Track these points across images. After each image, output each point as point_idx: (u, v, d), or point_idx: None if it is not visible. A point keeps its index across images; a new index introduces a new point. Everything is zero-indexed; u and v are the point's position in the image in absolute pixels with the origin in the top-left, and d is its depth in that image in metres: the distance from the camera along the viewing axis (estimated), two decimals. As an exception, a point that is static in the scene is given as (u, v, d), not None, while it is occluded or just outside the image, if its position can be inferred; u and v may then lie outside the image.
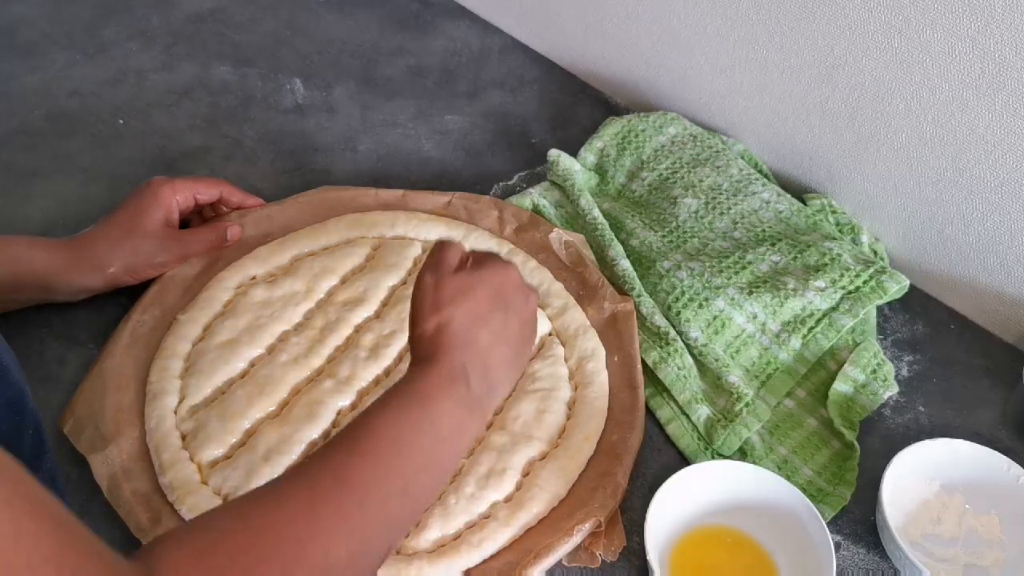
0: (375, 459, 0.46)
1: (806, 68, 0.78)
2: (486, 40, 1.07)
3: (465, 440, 0.52)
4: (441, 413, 0.50)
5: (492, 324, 0.53)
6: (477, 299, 0.53)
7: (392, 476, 0.46)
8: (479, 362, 0.52)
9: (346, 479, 0.45)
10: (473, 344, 0.52)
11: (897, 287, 0.72)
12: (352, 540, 0.43)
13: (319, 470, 0.45)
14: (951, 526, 0.61)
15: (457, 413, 0.50)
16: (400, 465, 0.47)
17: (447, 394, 0.50)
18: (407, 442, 0.48)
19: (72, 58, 1.00)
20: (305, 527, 0.42)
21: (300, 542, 0.41)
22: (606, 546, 0.58)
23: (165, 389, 0.65)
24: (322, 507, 0.43)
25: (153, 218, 0.70)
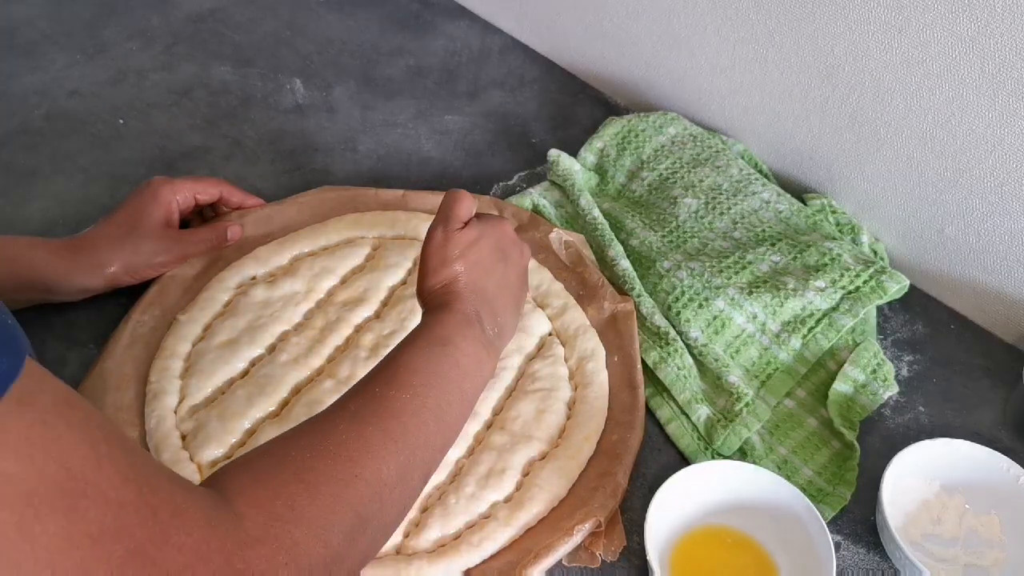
0: (411, 389, 0.50)
1: (806, 68, 0.78)
2: (486, 40, 1.07)
3: (484, 375, 0.57)
4: (462, 352, 0.55)
5: (495, 275, 0.60)
6: (481, 253, 0.59)
7: (428, 404, 0.51)
8: (488, 308, 0.58)
9: (387, 406, 0.49)
10: (481, 292, 0.58)
11: (897, 287, 0.72)
12: (399, 459, 0.47)
13: (361, 400, 0.50)
14: (951, 526, 0.61)
15: (475, 351, 0.56)
16: (433, 395, 0.51)
17: (465, 335, 0.55)
18: (437, 375, 0.52)
19: (72, 58, 1.00)
20: (355, 448, 0.46)
21: (353, 461, 0.45)
22: (606, 546, 0.58)
23: (165, 389, 0.65)
24: (368, 430, 0.47)
25: (153, 218, 0.70)
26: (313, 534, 0.42)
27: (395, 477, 0.47)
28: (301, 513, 0.42)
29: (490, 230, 0.61)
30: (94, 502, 0.34)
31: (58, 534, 0.32)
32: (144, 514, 0.35)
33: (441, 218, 0.60)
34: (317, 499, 0.43)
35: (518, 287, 0.63)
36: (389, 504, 0.47)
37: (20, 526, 0.31)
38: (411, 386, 0.51)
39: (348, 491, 0.44)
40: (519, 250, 0.64)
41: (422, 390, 0.51)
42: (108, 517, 0.34)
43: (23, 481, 0.32)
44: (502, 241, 0.62)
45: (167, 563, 0.35)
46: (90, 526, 0.33)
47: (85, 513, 0.33)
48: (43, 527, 0.32)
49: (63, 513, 0.33)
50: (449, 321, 0.56)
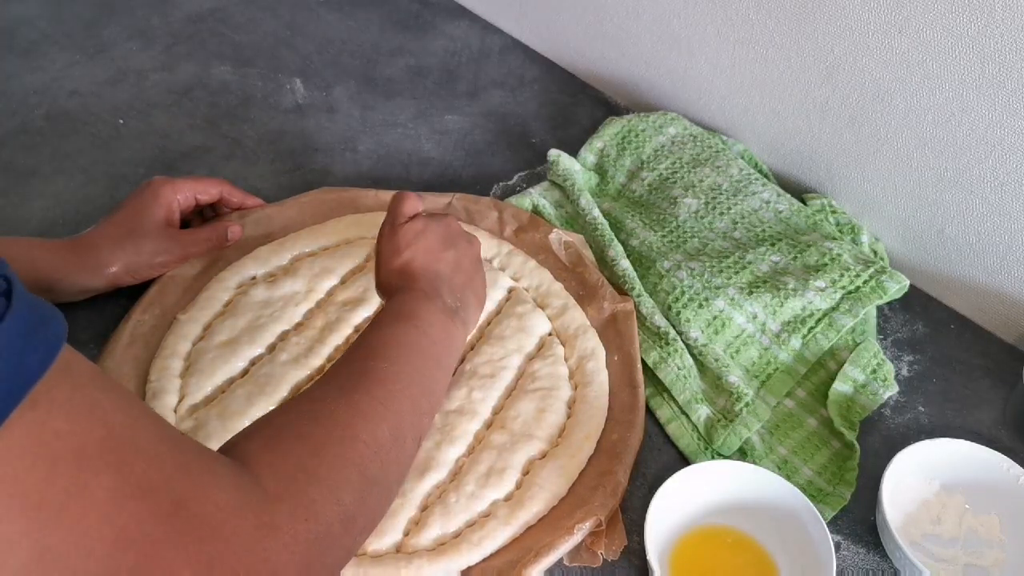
0: (390, 360, 0.54)
1: (806, 68, 0.78)
2: (486, 40, 1.08)
3: (454, 341, 0.61)
4: (428, 322, 0.58)
5: (446, 258, 0.64)
6: (429, 241, 0.64)
7: (407, 370, 0.54)
8: (445, 284, 0.62)
9: (370, 375, 0.52)
10: (435, 273, 0.63)
11: (897, 287, 0.72)
12: (390, 422, 0.50)
13: (345, 372, 0.53)
14: (951, 526, 0.61)
15: (442, 319, 0.59)
16: (411, 362, 0.55)
17: (428, 307, 0.59)
18: (409, 344, 0.56)
19: (72, 58, 1.00)
20: (348, 413, 0.48)
21: (349, 425, 0.48)
22: (607, 545, 0.58)
23: (165, 388, 0.65)
24: (357, 396, 0.50)
25: (154, 218, 0.71)
26: (327, 492, 0.44)
27: (390, 438, 0.49)
28: (312, 473, 0.44)
29: (434, 223, 0.65)
30: (138, 459, 0.36)
31: (111, 487, 0.34)
32: (183, 470, 0.38)
33: (388, 217, 0.65)
34: (324, 460, 0.45)
35: (473, 270, 0.66)
36: (388, 464, 0.49)
37: (75, 480, 0.33)
38: (389, 357, 0.54)
39: (350, 451, 0.46)
40: (467, 239, 0.67)
41: (400, 359, 0.54)
42: (152, 472, 0.36)
43: (74, 437, 0.34)
44: (448, 231, 0.65)
45: (209, 517, 0.37)
46: (139, 480, 0.35)
47: (133, 467, 0.35)
48: (97, 481, 0.34)
49: (113, 468, 0.35)
50: (409, 299, 0.60)
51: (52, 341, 0.35)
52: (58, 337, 0.35)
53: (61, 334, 0.35)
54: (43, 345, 0.34)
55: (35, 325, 0.34)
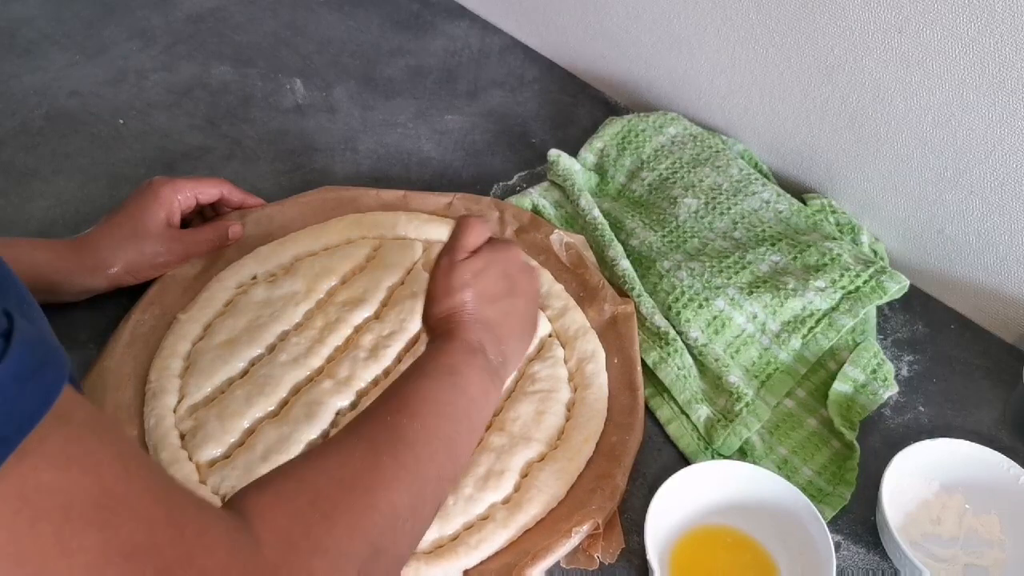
0: (422, 419, 0.50)
1: (806, 68, 0.78)
2: (486, 40, 1.07)
3: (491, 403, 0.57)
4: (469, 381, 0.55)
5: (501, 303, 0.59)
6: (487, 281, 0.59)
7: (438, 434, 0.51)
8: (491, 336, 0.58)
9: (400, 436, 0.49)
10: (485, 321, 0.58)
11: (897, 287, 0.72)
12: (412, 491, 0.47)
13: (375, 428, 0.49)
14: (951, 526, 0.61)
15: (481, 379, 0.55)
16: (443, 425, 0.51)
17: (470, 363, 0.55)
18: (445, 403, 0.53)
19: (72, 58, 1.00)
20: (371, 478, 0.46)
21: (369, 491, 0.45)
22: (604, 548, 0.58)
23: (164, 388, 0.65)
24: (384, 460, 0.47)
25: (155, 218, 0.70)
26: (329, 564, 0.41)
27: (408, 509, 0.47)
28: (318, 542, 0.41)
29: (498, 257, 0.61)
30: (127, 518, 0.34)
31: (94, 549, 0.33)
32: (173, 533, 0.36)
33: (449, 246, 0.60)
34: (334, 529, 0.42)
35: (525, 314, 0.62)
36: (402, 535, 0.47)
37: (59, 538, 0.32)
38: (422, 415, 0.51)
39: (364, 522, 0.44)
40: (528, 276, 0.63)
41: (433, 420, 0.51)
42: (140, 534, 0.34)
43: (61, 493, 0.32)
44: (509, 268, 0.61)
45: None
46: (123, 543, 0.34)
47: (119, 529, 0.34)
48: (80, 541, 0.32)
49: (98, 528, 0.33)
50: (454, 350, 0.56)
51: (50, 387, 0.33)
52: (56, 383, 0.33)
53: (60, 379, 0.34)
54: (40, 392, 0.32)
55: (33, 369, 0.32)
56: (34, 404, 0.32)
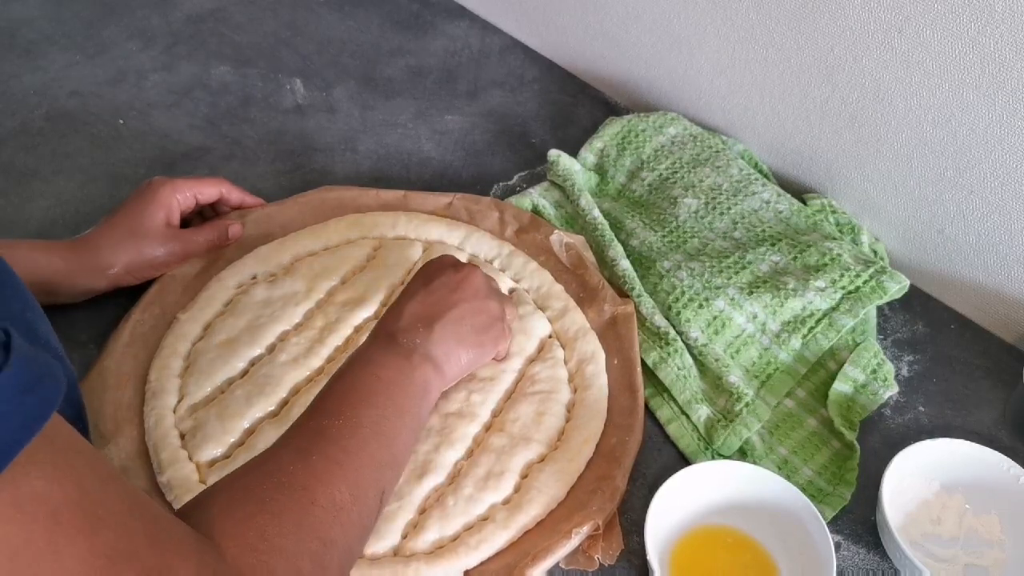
0: (342, 413, 0.52)
1: (806, 68, 0.78)
2: (486, 40, 1.07)
3: (416, 385, 0.57)
4: (380, 365, 0.56)
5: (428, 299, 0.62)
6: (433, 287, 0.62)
7: (363, 423, 0.52)
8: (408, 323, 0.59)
9: (324, 434, 0.51)
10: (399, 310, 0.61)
11: (897, 287, 0.72)
12: (348, 481, 0.49)
13: (299, 432, 0.52)
14: (951, 526, 0.61)
15: (397, 362, 0.57)
16: (367, 413, 0.53)
17: (381, 349, 0.58)
18: (363, 392, 0.54)
19: (72, 58, 1.00)
20: (304, 476, 0.48)
21: (306, 488, 0.47)
22: (604, 549, 0.58)
23: (164, 388, 0.65)
24: (313, 459, 0.49)
25: (154, 218, 0.71)
26: (286, 562, 0.44)
27: (349, 498, 0.48)
28: (272, 543, 0.44)
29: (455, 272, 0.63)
30: (109, 526, 0.36)
31: (80, 554, 0.34)
32: (151, 541, 0.38)
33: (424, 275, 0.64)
34: (283, 528, 0.45)
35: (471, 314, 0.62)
36: (348, 526, 0.48)
37: (50, 542, 0.33)
38: (341, 409, 0.53)
39: (308, 518, 0.46)
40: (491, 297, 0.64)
41: (352, 411, 0.53)
42: (122, 541, 0.36)
43: (51, 500, 0.34)
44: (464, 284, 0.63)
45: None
46: (107, 548, 0.35)
47: (103, 535, 0.36)
48: (68, 545, 0.34)
49: (85, 534, 0.35)
50: (367, 342, 0.59)
51: (50, 399, 0.35)
52: (53, 396, 0.35)
53: (57, 392, 0.35)
54: (39, 403, 0.34)
55: (34, 381, 0.34)
56: (35, 414, 0.34)
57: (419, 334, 0.59)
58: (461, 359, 0.61)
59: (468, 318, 0.62)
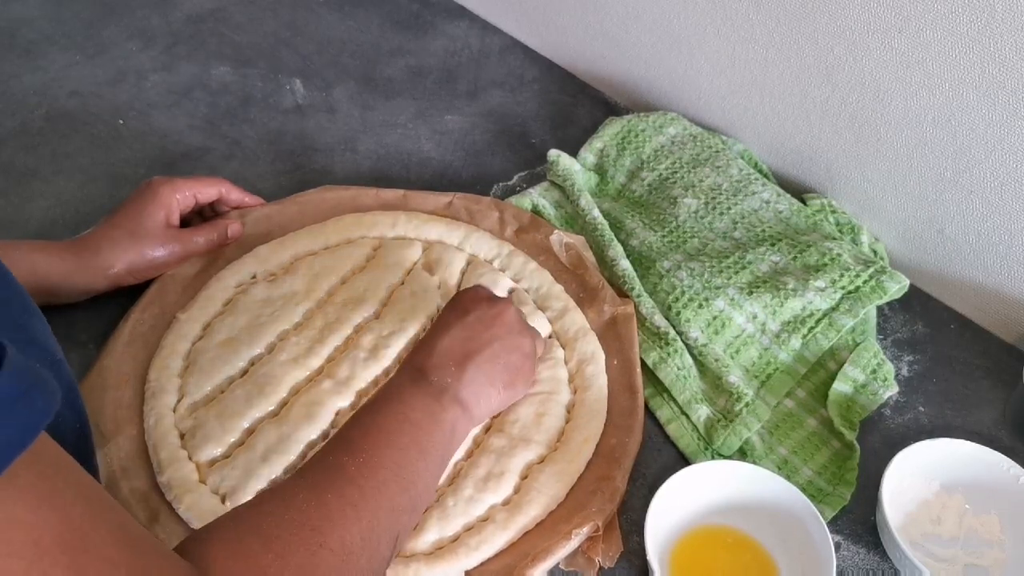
0: (365, 453, 0.51)
1: (806, 68, 0.78)
2: (486, 40, 1.07)
3: (443, 428, 0.56)
4: (410, 406, 0.55)
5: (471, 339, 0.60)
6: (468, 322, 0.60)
7: (385, 464, 0.51)
8: (440, 361, 0.58)
9: (343, 473, 0.49)
10: (431, 348, 0.59)
11: (897, 287, 0.72)
12: (362, 525, 0.47)
13: (318, 467, 0.50)
14: (951, 526, 0.61)
15: (424, 403, 0.55)
16: (389, 454, 0.51)
17: (412, 389, 0.56)
18: (389, 432, 0.53)
19: (72, 58, 1.00)
20: (317, 516, 0.46)
21: (316, 530, 0.45)
22: (604, 551, 0.58)
23: (164, 387, 0.65)
24: (328, 498, 0.47)
25: (154, 218, 0.71)
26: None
27: (360, 543, 0.46)
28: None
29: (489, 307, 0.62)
30: (93, 559, 0.34)
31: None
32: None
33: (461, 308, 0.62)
34: (287, 570, 0.43)
35: (501, 349, 0.60)
36: (357, 571, 0.46)
37: (32, 572, 0.32)
38: (364, 449, 0.51)
39: (315, 560, 0.44)
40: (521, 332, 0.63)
41: (376, 451, 0.51)
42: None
43: (32, 529, 0.32)
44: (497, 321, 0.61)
45: None
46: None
47: (85, 569, 0.34)
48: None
49: (64, 567, 0.33)
50: (396, 379, 0.58)
51: (39, 415, 0.33)
52: (45, 411, 0.33)
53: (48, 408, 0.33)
54: (27, 418, 0.32)
55: (21, 394, 0.32)
56: (20, 430, 0.32)
57: (451, 373, 0.57)
58: (492, 400, 0.60)
59: (502, 356, 0.60)
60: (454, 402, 0.57)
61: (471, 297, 0.62)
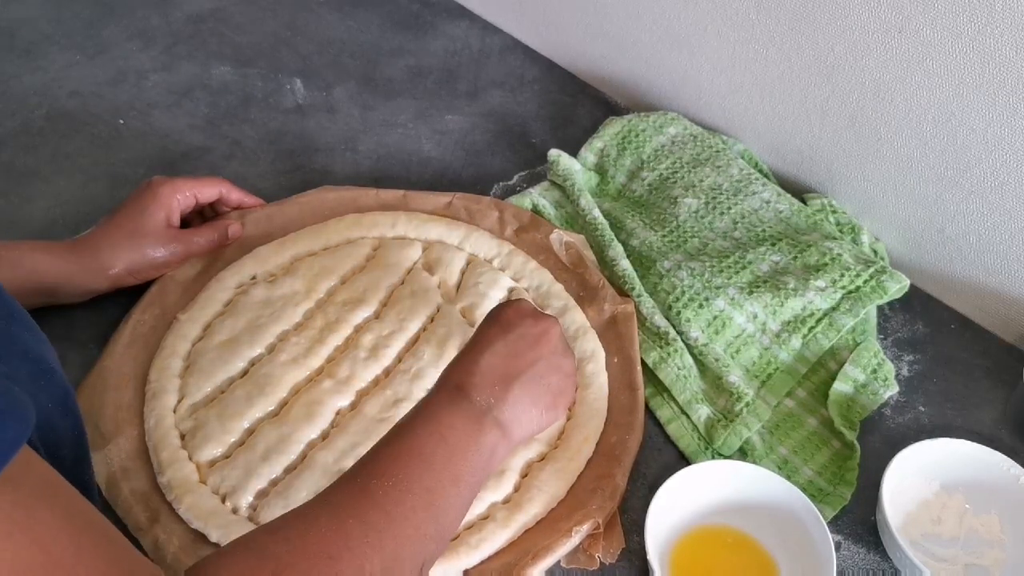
0: (395, 474, 0.48)
1: (806, 68, 0.78)
2: (486, 40, 1.07)
3: (482, 452, 0.52)
4: (448, 426, 0.51)
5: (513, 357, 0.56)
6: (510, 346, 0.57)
7: (414, 488, 0.47)
8: (483, 380, 0.54)
9: (369, 495, 0.46)
10: (479, 370, 0.55)
11: (897, 287, 0.72)
12: (384, 553, 0.44)
13: (343, 489, 0.47)
14: (951, 526, 0.61)
15: (465, 423, 0.52)
16: (420, 478, 0.48)
17: (451, 408, 0.52)
18: (423, 455, 0.49)
19: (72, 58, 1.00)
20: (335, 542, 0.43)
21: (333, 558, 0.42)
22: (604, 548, 0.58)
23: (164, 388, 0.65)
24: (349, 523, 0.44)
25: (154, 218, 0.71)
26: None
27: (380, 572, 0.43)
28: None
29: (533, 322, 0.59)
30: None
31: None
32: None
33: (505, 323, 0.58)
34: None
35: (545, 370, 0.58)
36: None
37: None
38: (395, 471, 0.48)
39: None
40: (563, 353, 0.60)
41: (405, 474, 0.48)
42: None
43: (4, 563, 0.30)
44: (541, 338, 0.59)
45: None
46: None
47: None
48: None
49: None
50: (435, 397, 0.54)
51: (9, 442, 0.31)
52: (15, 439, 0.31)
53: (20, 435, 0.31)
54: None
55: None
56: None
57: (494, 393, 0.54)
58: (532, 423, 0.57)
59: (545, 377, 0.57)
60: (495, 425, 0.53)
61: (515, 311, 0.59)
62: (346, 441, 0.62)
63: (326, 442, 0.62)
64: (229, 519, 0.58)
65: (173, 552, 0.56)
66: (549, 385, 0.58)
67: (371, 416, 0.64)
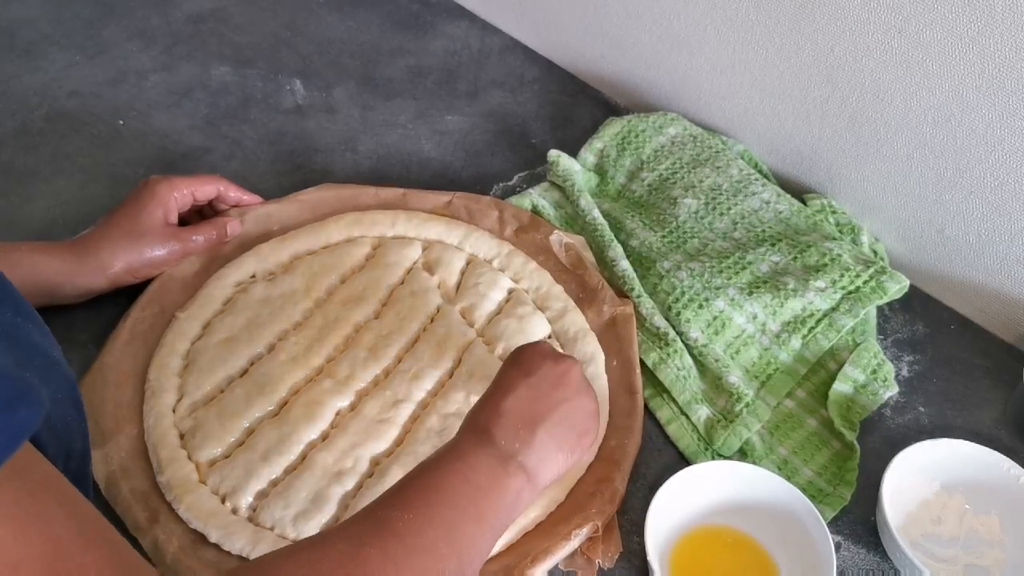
0: (417, 507, 0.47)
1: (806, 68, 0.78)
2: (486, 40, 1.07)
3: (506, 496, 0.52)
4: (475, 466, 0.51)
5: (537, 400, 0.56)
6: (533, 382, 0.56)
7: (435, 523, 0.47)
8: (509, 423, 0.54)
9: (389, 526, 0.46)
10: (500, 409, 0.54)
11: (897, 287, 0.72)
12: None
13: (363, 519, 0.47)
14: (951, 526, 0.61)
15: (490, 466, 0.52)
16: (442, 513, 0.48)
17: (476, 450, 0.52)
18: (446, 491, 0.49)
19: (72, 58, 1.00)
20: (351, 569, 0.42)
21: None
22: (603, 552, 0.58)
23: (164, 387, 0.65)
24: (368, 552, 0.44)
25: (153, 217, 0.71)
26: None
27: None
28: None
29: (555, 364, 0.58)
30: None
31: None
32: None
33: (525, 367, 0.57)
34: None
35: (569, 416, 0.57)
36: None
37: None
38: (417, 504, 0.47)
39: None
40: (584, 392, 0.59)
41: (427, 508, 0.47)
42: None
43: (12, 550, 0.30)
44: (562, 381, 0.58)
45: None
46: None
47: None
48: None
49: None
50: (461, 439, 0.54)
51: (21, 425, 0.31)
52: (17, 434, 0.31)
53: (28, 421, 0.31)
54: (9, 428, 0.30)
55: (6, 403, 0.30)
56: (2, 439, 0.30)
57: (519, 437, 0.53)
58: (557, 466, 0.56)
59: (569, 418, 0.57)
60: (520, 469, 0.52)
61: (535, 353, 0.59)
62: (346, 442, 0.62)
63: (326, 443, 0.62)
64: (229, 519, 0.58)
65: (173, 552, 0.56)
66: (573, 427, 0.57)
67: (371, 417, 0.64)
